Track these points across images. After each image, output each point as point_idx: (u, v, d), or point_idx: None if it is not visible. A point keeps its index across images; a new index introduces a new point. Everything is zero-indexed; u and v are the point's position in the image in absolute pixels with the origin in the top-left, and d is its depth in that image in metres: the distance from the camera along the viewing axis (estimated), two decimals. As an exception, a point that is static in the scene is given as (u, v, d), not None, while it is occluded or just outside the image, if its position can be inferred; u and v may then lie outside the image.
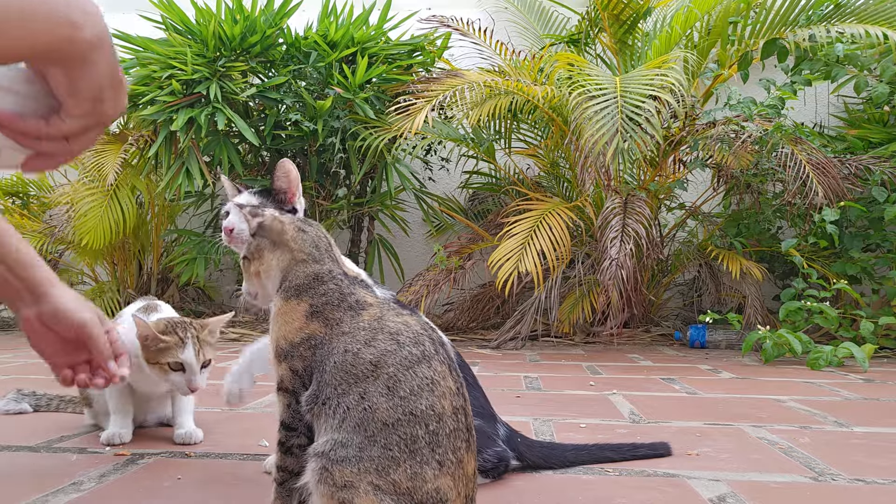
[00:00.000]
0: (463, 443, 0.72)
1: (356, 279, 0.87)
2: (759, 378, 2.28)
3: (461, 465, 0.72)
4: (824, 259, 3.34)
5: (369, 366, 0.73)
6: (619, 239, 2.90)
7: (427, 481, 0.69)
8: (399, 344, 0.75)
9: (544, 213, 3.19)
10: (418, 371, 0.73)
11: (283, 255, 0.87)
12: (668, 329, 3.60)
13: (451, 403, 0.73)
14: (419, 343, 0.75)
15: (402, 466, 0.69)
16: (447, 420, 0.72)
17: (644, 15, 3.56)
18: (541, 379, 2.21)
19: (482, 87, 3.33)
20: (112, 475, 1.12)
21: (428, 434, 0.70)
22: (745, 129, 3.02)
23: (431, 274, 3.44)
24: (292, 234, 0.88)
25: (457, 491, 0.71)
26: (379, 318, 0.78)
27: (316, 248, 0.88)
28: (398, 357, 0.73)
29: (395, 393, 0.71)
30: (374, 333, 0.76)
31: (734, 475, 1.13)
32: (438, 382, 0.73)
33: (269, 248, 0.88)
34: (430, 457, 0.70)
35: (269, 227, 0.88)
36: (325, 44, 3.58)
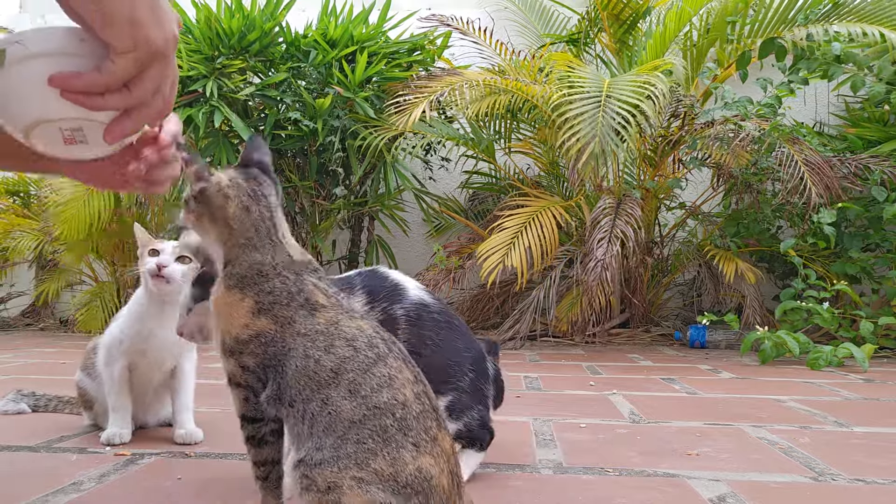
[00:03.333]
0: (433, 422, 0.74)
1: (305, 265, 0.83)
2: (759, 378, 2.28)
3: (437, 442, 0.73)
4: (824, 259, 3.34)
5: (330, 373, 0.74)
6: (606, 240, 2.90)
7: (408, 463, 0.70)
8: (356, 349, 0.76)
9: (537, 211, 3.19)
10: (375, 371, 0.74)
11: (223, 231, 0.81)
12: (668, 329, 3.60)
13: (412, 391, 0.74)
14: (373, 346, 0.77)
15: (380, 455, 0.70)
16: (412, 405, 0.73)
17: (644, 15, 3.57)
18: (541, 379, 2.21)
19: (481, 85, 3.33)
20: (112, 475, 1.12)
21: (396, 421, 0.71)
22: (742, 128, 3.02)
23: (431, 274, 3.44)
24: (234, 211, 0.80)
25: (439, 468, 0.72)
26: (335, 324, 0.78)
27: (256, 231, 0.81)
28: (356, 363, 0.75)
29: (357, 394, 0.73)
30: (332, 339, 0.76)
31: (734, 475, 1.13)
32: (395, 377, 0.75)
33: (208, 217, 0.81)
34: (404, 441, 0.71)
35: (211, 198, 0.80)
36: (324, 42, 3.58)
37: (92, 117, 0.68)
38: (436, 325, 1.08)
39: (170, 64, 0.69)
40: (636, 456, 1.25)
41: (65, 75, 0.65)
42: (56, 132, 0.70)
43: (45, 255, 3.95)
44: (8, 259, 4.15)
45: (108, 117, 0.69)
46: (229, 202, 0.80)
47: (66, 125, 0.69)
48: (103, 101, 0.66)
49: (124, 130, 0.70)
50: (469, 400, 1.07)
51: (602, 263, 2.85)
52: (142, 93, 0.67)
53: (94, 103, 0.66)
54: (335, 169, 3.63)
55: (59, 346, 3.20)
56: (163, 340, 1.34)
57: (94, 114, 0.68)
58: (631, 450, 1.30)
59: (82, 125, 0.70)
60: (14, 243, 3.82)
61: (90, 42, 0.65)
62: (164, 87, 0.69)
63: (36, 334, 3.93)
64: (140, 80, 0.66)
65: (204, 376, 2.13)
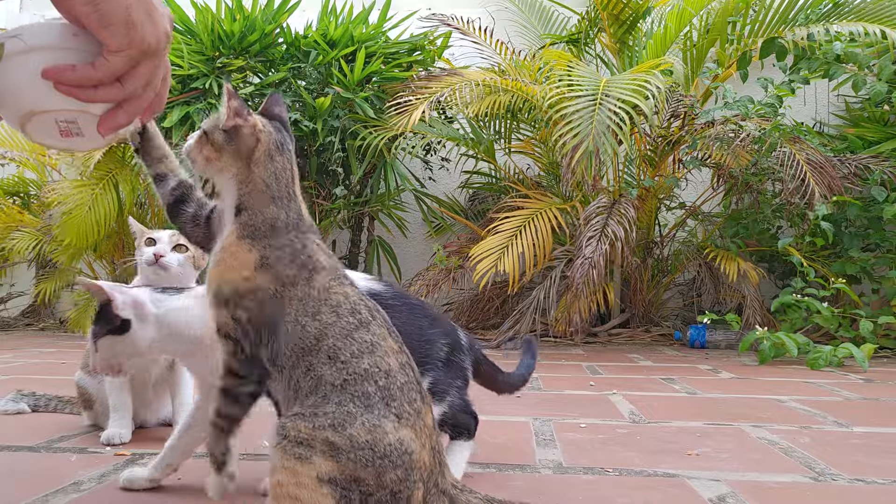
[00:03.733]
0: (417, 395, 0.73)
1: (310, 226, 0.83)
2: (759, 378, 2.28)
3: (420, 416, 0.72)
4: (824, 259, 3.34)
5: (313, 340, 0.74)
6: (596, 239, 2.90)
7: (388, 433, 0.68)
8: (338, 316, 0.75)
9: (533, 214, 3.20)
10: (356, 336, 0.74)
11: (242, 171, 0.80)
12: (668, 329, 3.60)
13: (396, 360, 0.74)
14: (356, 312, 0.76)
15: (360, 420, 0.68)
16: (396, 375, 0.72)
17: (644, 15, 3.56)
18: (541, 379, 2.21)
19: (481, 85, 3.33)
20: (112, 475, 1.12)
21: (379, 389, 0.70)
22: (743, 128, 3.02)
23: (431, 273, 3.45)
24: (260, 156, 0.80)
25: (420, 443, 0.70)
26: (326, 290, 0.77)
27: (276, 179, 0.81)
28: (337, 328, 0.74)
29: (336, 359, 0.72)
30: (319, 306, 0.76)
31: (734, 475, 1.13)
32: (378, 344, 0.74)
33: (231, 154, 0.80)
34: (386, 410, 0.69)
35: (244, 137, 0.80)
36: (324, 42, 3.58)
37: (86, 109, 0.70)
38: (393, 311, 1.07)
39: (162, 60, 0.71)
40: (636, 456, 1.25)
41: (59, 68, 0.67)
42: (52, 124, 0.72)
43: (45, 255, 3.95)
44: (7, 259, 4.15)
45: (102, 109, 0.71)
46: (259, 145, 0.80)
47: (61, 117, 0.71)
48: (96, 93, 0.69)
49: (117, 123, 0.71)
50: (447, 377, 1.06)
51: (590, 261, 2.85)
52: (134, 87, 0.69)
53: (86, 96, 0.68)
54: (335, 169, 3.63)
55: (58, 346, 3.20)
56: None
57: (88, 106, 0.70)
58: (631, 450, 1.30)
59: (77, 117, 0.72)
60: (13, 243, 3.83)
61: (84, 36, 0.68)
62: (155, 81, 0.71)
63: (36, 334, 3.93)
64: (132, 75, 0.68)
65: (204, 376, 2.13)
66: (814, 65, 3.12)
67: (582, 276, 2.84)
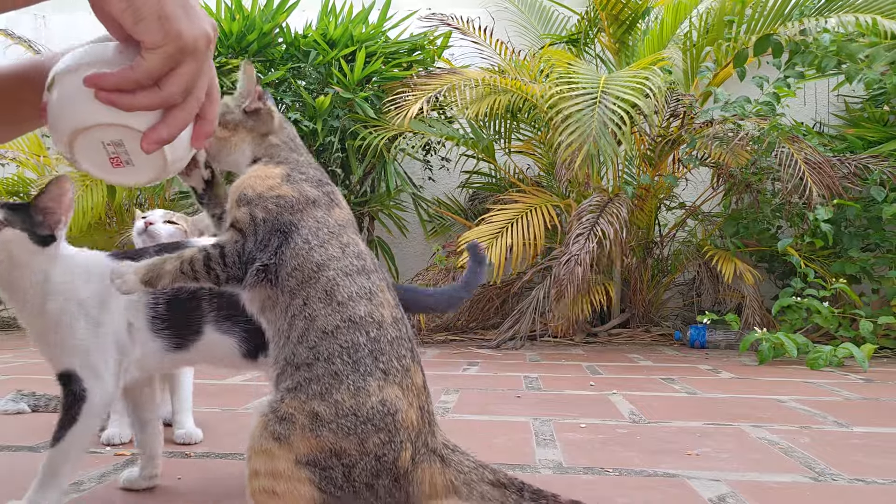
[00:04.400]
0: (407, 352, 0.72)
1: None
2: (759, 378, 2.28)
3: (408, 373, 0.71)
4: (824, 259, 3.34)
5: (314, 267, 0.74)
6: (584, 237, 2.90)
7: (371, 394, 0.68)
8: (344, 254, 0.75)
9: (528, 209, 3.20)
10: (357, 280, 0.73)
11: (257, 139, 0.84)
12: (668, 329, 3.60)
13: (390, 314, 0.73)
14: (361, 258, 0.76)
15: (346, 382, 0.68)
16: (388, 328, 0.72)
17: (643, 15, 3.57)
18: (541, 379, 2.21)
19: (481, 84, 3.33)
20: (112, 475, 1.12)
21: (369, 341, 0.70)
22: (741, 127, 3.02)
23: (431, 273, 3.45)
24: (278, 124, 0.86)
25: (407, 401, 0.69)
26: (341, 226, 0.78)
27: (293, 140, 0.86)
28: (340, 263, 0.74)
29: (334, 298, 0.72)
30: (331, 237, 0.76)
31: (734, 475, 1.13)
32: (376, 293, 0.74)
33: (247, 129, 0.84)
34: (373, 366, 0.69)
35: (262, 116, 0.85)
36: (324, 42, 3.58)
37: (128, 124, 0.69)
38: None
39: (203, 64, 0.69)
40: (636, 456, 1.25)
41: (98, 74, 0.66)
42: (99, 148, 0.72)
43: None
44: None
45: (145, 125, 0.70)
46: (273, 117, 0.85)
47: (106, 137, 0.70)
48: (134, 98, 0.67)
49: (160, 137, 0.70)
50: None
51: (576, 259, 2.85)
52: (171, 91, 0.67)
53: (126, 102, 0.67)
54: (334, 169, 3.63)
55: (58, 346, 3.19)
56: None
57: (129, 119, 0.69)
58: (631, 450, 1.30)
59: (122, 137, 0.70)
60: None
61: (128, 52, 0.68)
62: (196, 89, 0.70)
63: (36, 334, 3.92)
64: (170, 77, 0.67)
65: (205, 376, 2.14)
66: (807, 58, 3.12)
67: (567, 273, 2.84)
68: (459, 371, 2.40)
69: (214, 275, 0.77)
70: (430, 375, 2.38)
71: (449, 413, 1.64)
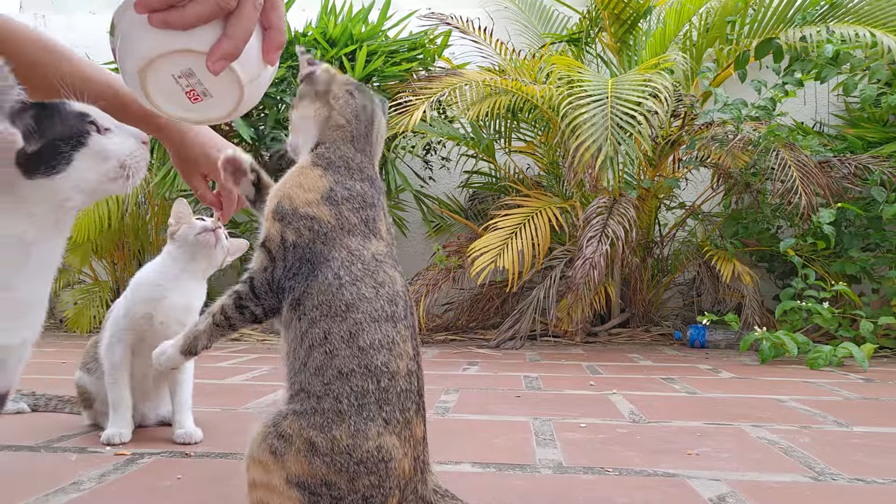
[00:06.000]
0: (413, 405, 0.72)
1: (380, 186, 0.83)
2: (759, 378, 2.28)
3: (409, 425, 0.71)
4: (824, 259, 3.34)
5: (343, 305, 0.72)
6: (597, 239, 2.90)
7: (369, 438, 0.68)
8: (377, 295, 0.73)
9: (533, 212, 3.20)
10: (383, 327, 0.72)
11: (321, 109, 0.83)
12: (668, 329, 3.60)
13: (406, 366, 0.73)
14: (394, 302, 0.74)
15: (347, 422, 0.68)
16: (399, 380, 0.71)
17: (644, 14, 3.57)
18: (541, 378, 2.21)
19: (481, 85, 3.33)
20: (112, 475, 1.12)
21: (379, 390, 0.69)
22: (740, 130, 3.02)
23: (431, 273, 3.45)
24: (338, 91, 0.83)
25: (403, 451, 0.70)
26: (379, 261, 0.76)
27: (356, 117, 0.83)
28: (371, 306, 0.72)
29: (356, 341, 0.71)
30: (364, 273, 0.74)
31: (734, 475, 1.13)
32: (398, 343, 0.72)
33: (310, 97, 0.83)
34: (376, 414, 0.69)
35: (317, 77, 0.84)
36: (324, 41, 3.58)
37: (188, 46, 0.67)
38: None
39: None
40: (636, 456, 1.25)
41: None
42: (172, 84, 0.70)
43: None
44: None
45: (207, 45, 0.67)
46: (334, 80, 0.84)
47: (175, 69, 0.68)
48: (184, 11, 0.64)
49: (224, 52, 0.67)
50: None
51: (591, 262, 2.85)
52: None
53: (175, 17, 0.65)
54: (335, 169, 3.62)
55: (58, 346, 3.20)
56: (172, 305, 1.33)
57: (190, 42, 0.67)
58: (631, 450, 1.30)
59: (189, 64, 0.68)
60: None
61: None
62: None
63: (36, 334, 3.92)
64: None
65: (204, 376, 2.14)
66: (808, 66, 3.12)
67: (583, 277, 2.85)
68: (459, 371, 2.40)
69: (250, 313, 0.76)
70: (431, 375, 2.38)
71: (449, 413, 1.64)
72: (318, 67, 0.85)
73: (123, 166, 0.73)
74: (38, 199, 0.67)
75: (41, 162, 0.66)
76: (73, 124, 0.69)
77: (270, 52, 0.72)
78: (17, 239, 0.67)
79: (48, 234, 0.70)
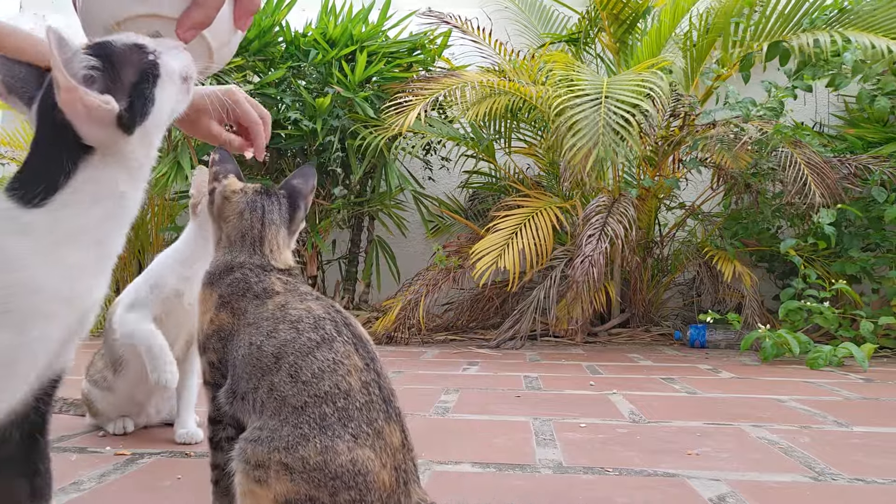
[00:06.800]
0: (380, 413, 0.72)
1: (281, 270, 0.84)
2: (759, 378, 2.28)
3: (381, 435, 0.71)
4: (824, 259, 3.34)
5: (272, 358, 0.74)
6: (596, 237, 2.90)
7: (340, 454, 0.68)
8: (298, 331, 0.75)
9: (533, 212, 3.20)
10: (318, 355, 0.73)
11: (216, 230, 0.88)
12: (668, 329, 3.60)
13: (358, 379, 0.73)
14: (319, 328, 0.75)
15: (312, 442, 0.68)
16: (356, 395, 0.71)
17: (643, 14, 3.57)
18: (541, 378, 2.21)
19: (481, 86, 3.33)
20: (112, 475, 1.12)
21: (337, 411, 0.70)
22: (744, 130, 3.02)
23: (431, 273, 3.45)
24: (229, 214, 0.86)
25: (381, 462, 0.70)
26: (283, 307, 0.78)
27: (242, 236, 0.85)
28: (297, 345, 0.74)
29: (298, 378, 0.72)
30: (276, 324, 0.76)
31: (734, 475, 1.13)
32: (341, 362, 0.73)
33: (212, 216, 0.89)
34: (342, 431, 0.69)
35: (215, 199, 0.87)
36: (324, 41, 3.58)
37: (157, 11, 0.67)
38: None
39: None
40: (636, 456, 1.25)
41: None
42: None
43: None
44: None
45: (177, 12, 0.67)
46: (228, 205, 0.87)
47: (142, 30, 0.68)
48: None
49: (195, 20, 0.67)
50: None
51: (590, 259, 2.85)
52: None
53: None
54: (335, 169, 3.63)
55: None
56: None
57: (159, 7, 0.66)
58: (631, 450, 1.30)
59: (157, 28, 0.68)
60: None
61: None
62: None
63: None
64: None
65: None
66: (819, 72, 3.12)
67: (582, 274, 2.85)
68: (459, 371, 2.40)
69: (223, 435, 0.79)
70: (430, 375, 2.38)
71: (449, 413, 1.64)
72: (220, 185, 0.87)
73: (186, 79, 0.70)
74: (134, 148, 0.66)
75: (134, 113, 0.64)
76: (139, 60, 0.66)
77: (242, 17, 0.71)
78: (114, 192, 0.66)
79: (137, 184, 0.70)
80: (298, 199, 0.91)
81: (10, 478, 0.66)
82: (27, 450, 0.67)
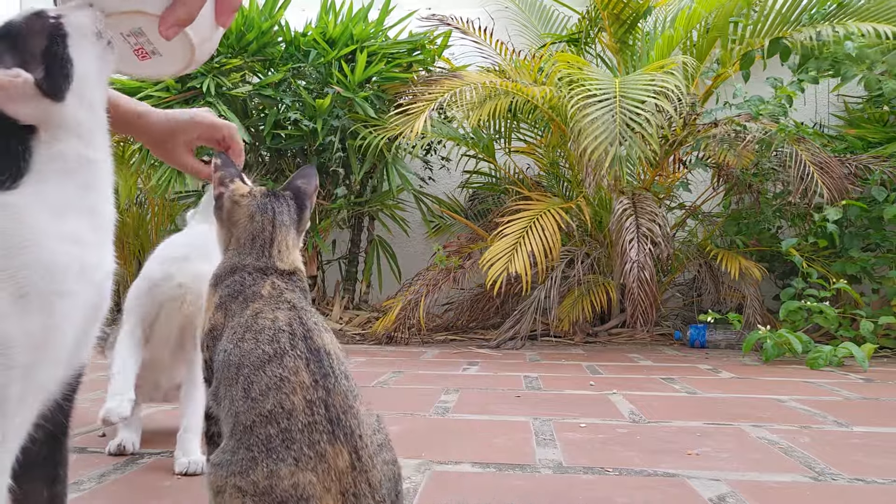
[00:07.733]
0: (322, 435, 0.69)
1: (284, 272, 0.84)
2: (760, 378, 2.28)
3: (323, 458, 0.68)
4: (824, 259, 3.34)
5: (234, 368, 0.74)
6: (636, 240, 2.87)
7: (283, 478, 0.67)
8: (257, 343, 0.74)
9: (538, 214, 3.19)
10: (268, 370, 0.72)
11: (226, 234, 0.87)
12: (668, 329, 3.60)
13: (303, 398, 0.70)
14: (275, 340, 0.74)
15: (261, 465, 0.68)
16: (298, 416, 0.70)
17: (644, 14, 3.57)
18: (541, 379, 2.21)
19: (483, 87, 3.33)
20: (112, 475, 1.12)
21: (280, 432, 0.69)
22: (747, 129, 3.01)
23: (431, 273, 3.45)
24: (240, 217, 0.86)
25: (324, 486, 0.68)
26: (255, 314, 0.77)
27: (252, 239, 0.85)
28: (252, 357, 0.73)
29: (249, 395, 0.71)
30: (244, 332, 0.76)
31: (734, 475, 1.13)
32: (288, 379, 0.71)
33: (219, 219, 0.88)
34: (285, 454, 0.68)
35: (224, 204, 0.87)
36: (324, 41, 3.58)
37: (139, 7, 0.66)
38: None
39: None
40: (636, 456, 1.25)
41: None
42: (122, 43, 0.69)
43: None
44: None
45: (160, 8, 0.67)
46: (237, 208, 0.86)
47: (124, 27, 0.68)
48: None
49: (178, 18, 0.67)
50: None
51: (638, 264, 2.83)
52: None
53: None
54: (335, 169, 3.63)
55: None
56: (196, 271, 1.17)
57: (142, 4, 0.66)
58: (631, 450, 1.30)
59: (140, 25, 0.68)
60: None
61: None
62: None
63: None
64: None
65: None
66: (822, 64, 3.11)
67: (634, 279, 2.82)
68: (459, 371, 2.40)
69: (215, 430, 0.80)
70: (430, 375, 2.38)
71: (449, 413, 1.64)
72: (227, 189, 0.87)
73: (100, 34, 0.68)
74: (76, 113, 0.65)
75: (53, 77, 0.62)
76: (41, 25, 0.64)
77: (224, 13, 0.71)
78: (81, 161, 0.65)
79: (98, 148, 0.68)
80: (304, 199, 0.91)
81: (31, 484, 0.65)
82: (49, 453, 0.66)
